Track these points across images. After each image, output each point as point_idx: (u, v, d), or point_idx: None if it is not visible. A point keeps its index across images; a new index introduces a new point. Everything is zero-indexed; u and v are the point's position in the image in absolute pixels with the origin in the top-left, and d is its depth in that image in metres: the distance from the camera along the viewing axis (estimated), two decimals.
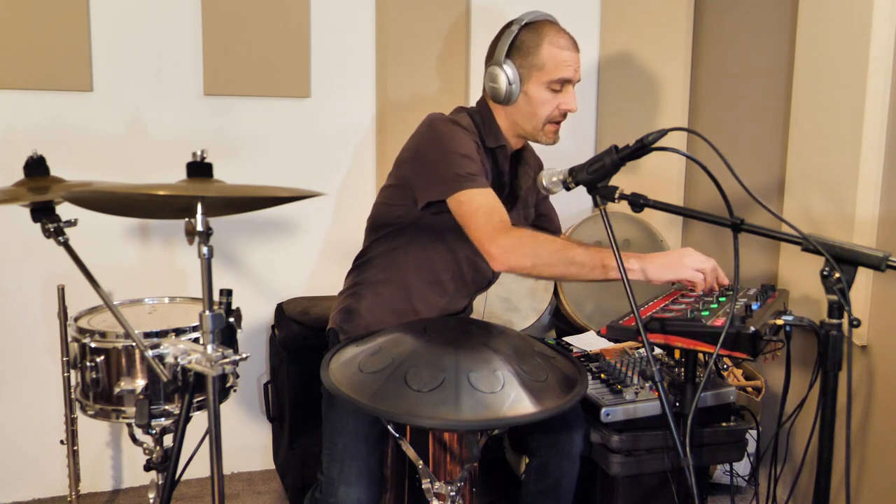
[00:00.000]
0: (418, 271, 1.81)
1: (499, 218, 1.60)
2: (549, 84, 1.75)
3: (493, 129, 1.82)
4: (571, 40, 1.79)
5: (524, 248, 1.56)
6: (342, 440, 1.70)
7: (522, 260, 1.55)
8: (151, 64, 2.48)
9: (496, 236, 1.56)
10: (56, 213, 1.50)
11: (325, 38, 2.64)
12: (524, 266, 1.56)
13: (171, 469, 1.59)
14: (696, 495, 1.29)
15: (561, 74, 1.75)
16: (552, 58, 1.74)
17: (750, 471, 2.38)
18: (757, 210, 1.56)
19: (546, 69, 1.74)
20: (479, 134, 1.80)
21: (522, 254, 1.55)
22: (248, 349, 2.65)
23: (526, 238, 1.58)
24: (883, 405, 1.97)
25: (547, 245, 1.57)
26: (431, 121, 1.76)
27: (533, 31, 1.76)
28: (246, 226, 2.64)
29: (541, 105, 1.77)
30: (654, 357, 1.39)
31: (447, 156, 1.67)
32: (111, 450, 2.61)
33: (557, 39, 1.75)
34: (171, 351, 1.36)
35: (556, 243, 1.59)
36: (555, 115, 1.78)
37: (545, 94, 1.76)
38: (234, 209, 1.60)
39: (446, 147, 1.68)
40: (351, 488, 1.66)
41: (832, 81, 2.06)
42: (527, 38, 1.75)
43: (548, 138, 1.82)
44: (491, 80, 1.78)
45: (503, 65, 1.75)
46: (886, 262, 1.28)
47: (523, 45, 1.75)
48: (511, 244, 1.55)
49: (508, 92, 1.76)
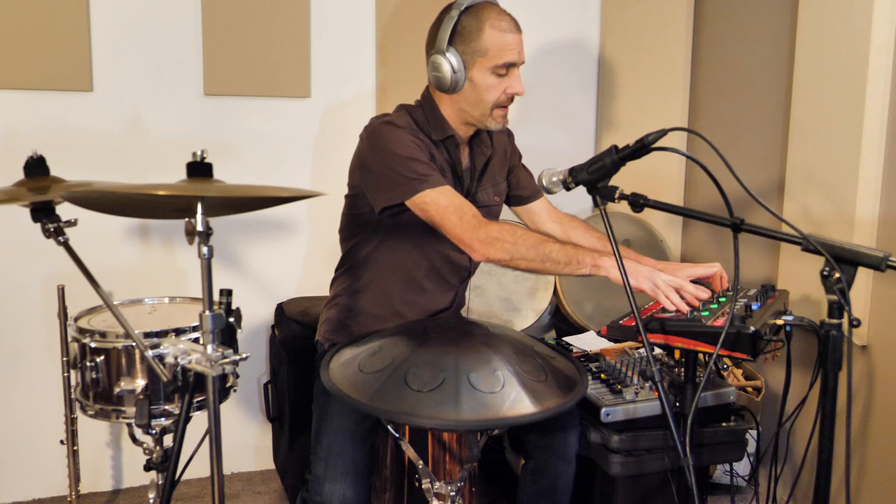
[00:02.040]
0: (392, 274, 1.83)
1: (470, 213, 1.64)
2: (494, 69, 1.73)
3: (439, 121, 1.80)
4: (513, 22, 1.76)
5: (503, 241, 1.60)
6: (327, 438, 1.71)
7: (501, 253, 1.60)
8: (151, 64, 2.48)
9: (474, 231, 1.61)
10: (56, 213, 1.50)
11: (325, 38, 2.64)
12: (502, 258, 1.61)
13: (171, 469, 1.59)
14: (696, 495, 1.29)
15: (505, 59, 1.73)
16: (495, 42, 1.71)
17: (750, 471, 2.38)
18: (757, 210, 1.56)
19: (490, 54, 1.72)
20: (423, 128, 1.79)
21: (501, 248, 1.60)
22: (248, 349, 2.65)
23: (505, 232, 1.61)
24: (883, 405, 1.97)
25: (525, 240, 1.60)
26: (370, 127, 1.77)
27: (474, 15, 1.72)
28: (246, 226, 2.64)
29: (487, 91, 1.74)
30: (654, 357, 1.39)
31: (391, 161, 1.68)
32: (111, 450, 2.61)
33: (499, 22, 1.72)
34: (171, 351, 1.36)
35: (533, 238, 1.61)
36: (502, 100, 1.77)
37: (491, 80, 1.74)
38: (234, 209, 1.60)
39: (388, 152, 1.69)
40: (336, 485, 1.66)
41: (832, 81, 2.05)
42: (468, 23, 1.72)
43: (496, 123, 1.80)
44: (434, 70, 1.75)
45: (446, 53, 1.72)
46: (886, 262, 1.28)
47: (465, 31, 1.72)
48: (489, 237, 1.60)
49: (453, 80, 1.74)
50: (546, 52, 2.91)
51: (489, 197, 1.91)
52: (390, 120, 1.77)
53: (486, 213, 1.85)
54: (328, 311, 1.94)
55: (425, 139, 1.77)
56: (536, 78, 2.92)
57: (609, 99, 2.97)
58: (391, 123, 1.75)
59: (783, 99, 2.32)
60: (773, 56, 2.38)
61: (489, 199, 1.91)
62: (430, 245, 1.81)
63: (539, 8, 2.88)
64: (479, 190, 1.90)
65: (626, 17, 2.88)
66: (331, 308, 1.93)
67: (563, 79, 2.97)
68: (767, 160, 2.40)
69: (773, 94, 2.38)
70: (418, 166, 1.67)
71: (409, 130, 1.75)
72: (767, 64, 2.41)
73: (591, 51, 2.98)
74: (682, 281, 1.61)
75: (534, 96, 2.92)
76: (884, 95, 1.90)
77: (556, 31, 2.91)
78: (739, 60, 2.55)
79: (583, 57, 2.97)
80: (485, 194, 1.90)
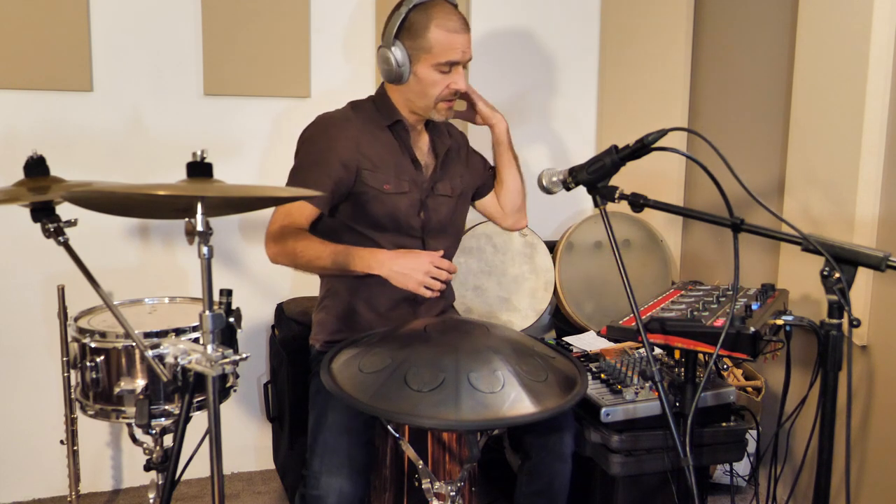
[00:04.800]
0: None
1: (288, 222, 1.80)
2: (437, 66, 1.79)
3: (387, 107, 1.90)
4: (461, 21, 1.81)
5: (285, 256, 1.80)
6: (322, 435, 1.72)
7: (285, 262, 1.82)
8: (151, 64, 2.48)
9: (270, 240, 1.81)
10: (56, 213, 1.50)
11: (325, 38, 2.64)
12: (287, 265, 1.83)
13: (171, 469, 1.59)
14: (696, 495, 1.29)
15: (449, 58, 1.79)
16: (440, 41, 1.77)
17: (750, 471, 2.38)
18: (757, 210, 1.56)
19: (434, 52, 1.78)
20: (370, 116, 1.89)
21: (285, 261, 1.81)
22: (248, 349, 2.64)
23: (288, 247, 1.78)
24: (883, 405, 1.97)
25: (303, 256, 1.77)
26: (305, 129, 1.91)
27: (422, 12, 1.78)
28: (246, 226, 2.64)
29: (430, 86, 1.82)
30: (654, 357, 1.39)
31: (298, 161, 1.88)
32: (111, 450, 2.61)
33: (446, 22, 1.77)
34: (171, 351, 1.36)
35: (308, 255, 1.77)
36: (445, 95, 1.84)
37: (434, 76, 1.80)
38: (234, 209, 1.60)
39: (301, 153, 1.88)
40: (333, 479, 1.67)
41: (832, 81, 2.06)
42: (416, 19, 1.78)
43: (440, 115, 1.88)
44: (382, 62, 1.84)
45: (392, 46, 1.80)
46: (886, 262, 1.28)
47: (412, 27, 1.78)
48: (276, 252, 1.81)
49: (398, 73, 1.81)
50: (546, 52, 2.91)
51: (446, 188, 1.97)
52: (325, 115, 1.91)
53: (443, 202, 1.95)
54: (316, 314, 2.01)
55: (360, 127, 1.87)
56: (536, 78, 2.92)
57: (609, 99, 2.97)
58: (320, 123, 1.89)
59: (783, 99, 2.32)
60: (773, 56, 2.38)
61: (446, 190, 1.97)
62: (383, 237, 1.88)
63: (539, 8, 2.88)
64: (440, 180, 1.95)
65: (626, 17, 2.88)
66: (319, 311, 2.00)
67: (563, 79, 2.96)
68: (767, 160, 2.40)
69: (773, 94, 2.38)
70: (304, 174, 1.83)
71: (339, 123, 1.87)
72: (767, 64, 2.41)
73: (591, 51, 2.97)
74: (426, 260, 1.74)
75: (534, 96, 2.92)
76: (884, 95, 1.90)
77: (556, 31, 2.91)
78: (739, 60, 2.55)
79: (583, 57, 2.97)
80: (443, 185, 1.96)
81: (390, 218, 1.87)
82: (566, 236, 2.68)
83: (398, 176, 1.87)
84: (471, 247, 2.57)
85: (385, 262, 1.75)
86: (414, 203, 1.89)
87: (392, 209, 1.87)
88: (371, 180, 1.84)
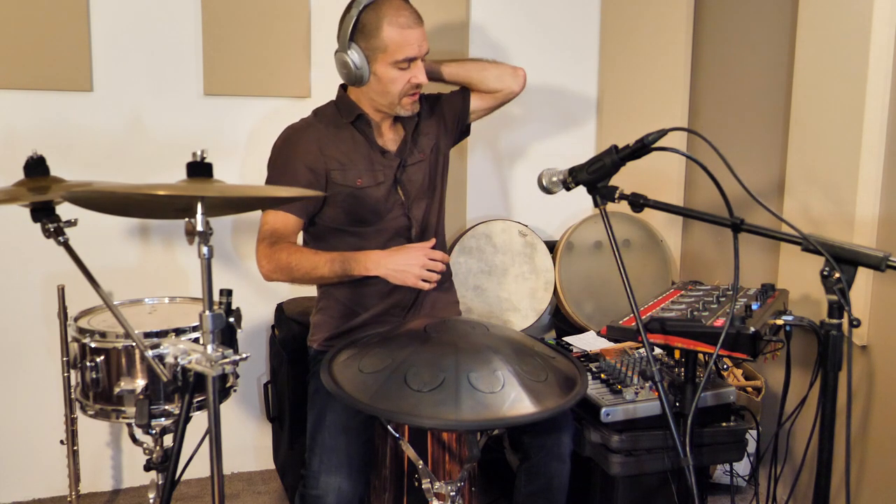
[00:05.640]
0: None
1: (275, 239, 1.81)
2: (395, 64, 1.79)
3: (347, 105, 1.91)
4: (413, 16, 1.80)
5: (280, 272, 1.80)
6: (321, 435, 1.73)
7: (281, 277, 1.82)
8: (151, 64, 2.48)
9: (262, 258, 1.81)
10: (56, 213, 1.50)
11: (325, 38, 2.64)
12: (284, 280, 1.84)
13: (171, 469, 1.59)
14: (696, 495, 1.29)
15: (406, 54, 1.79)
16: (394, 39, 1.77)
17: (750, 471, 2.38)
18: (757, 210, 1.56)
19: (390, 50, 1.78)
20: (331, 119, 1.91)
21: (280, 276, 1.81)
22: (248, 349, 2.64)
23: (282, 263, 1.78)
24: (883, 405, 1.97)
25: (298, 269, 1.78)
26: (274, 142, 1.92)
27: (373, 11, 1.78)
28: (246, 226, 2.64)
29: (391, 83, 1.82)
30: (654, 357, 1.39)
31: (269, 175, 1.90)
32: (111, 450, 2.61)
33: (397, 18, 1.77)
34: (171, 351, 1.36)
35: (304, 267, 1.78)
36: (407, 90, 1.84)
37: (394, 73, 1.81)
38: (234, 209, 1.60)
39: (270, 167, 1.90)
40: (332, 477, 1.68)
41: (832, 81, 2.05)
42: (367, 19, 1.78)
43: (406, 110, 1.89)
44: (340, 67, 1.84)
45: (348, 50, 1.80)
46: (886, 262, 1.28)
47: (365, 28, 1.79)
48: (270, 269, 1.80)
49: (357, 75, 1.82)
50: (546, 52, 2.91)
51: (418, 155, 1.98)
52: (290, 127, 1.93)
53: (416, 170, 1.96)
54: (313, 316, 2.02)
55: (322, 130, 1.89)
56: (536, 78, 2.91)
57: (609, 99, 2.97)
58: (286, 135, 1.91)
59: (783, 99, 2.32)
60: (773, 56, 2.38)
61: (419, 156, 1.98)
62: (374, 239, 1.90)
63: (539, 8, 2.88)
64: (408, 153, 1.96)
65: (626, 17, 2.88)
66: (316, 313, 2.01)
67: (563, 79, 2.96)
68: (767, 160, 2.40)
69: (773, 94, 2.38)
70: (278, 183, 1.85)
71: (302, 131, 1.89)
72: (767, 64, 2.41)
73: (591, 51, 2.97)
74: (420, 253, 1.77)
75: (534, 96, 2.92)
76: (884, 95, 1.90)
77: (556, 32, 2.91)
78: (739, 60, 2.55)
79: (583, 57, 2.97)
80: (415, 154, 1.97)
81: (371, 210, 1.89)
82: (566, 236, 2.68)
83: (369, 169, 1.89)
84: (471, 247, 2.57)
85: (381, 261, 1.76)
86: (389, 187, 1.91)
87: (371, 202, 1.88)
88: (341, 179, 1.86)
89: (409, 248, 1.81)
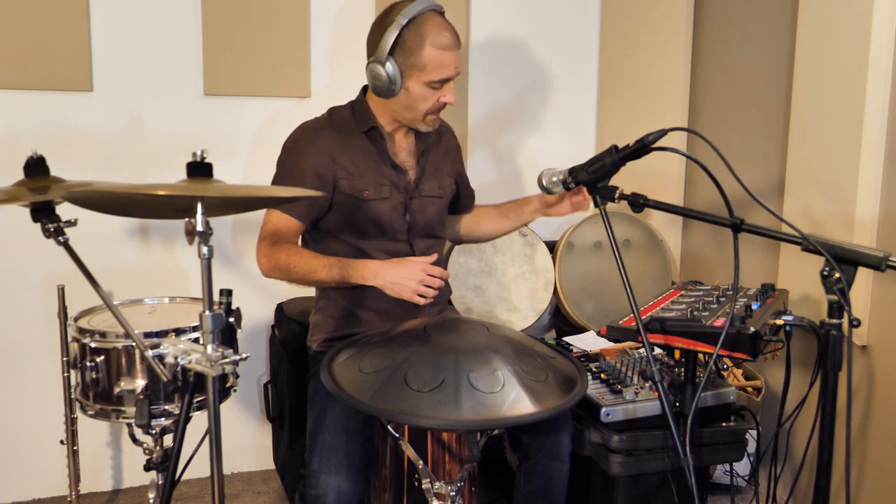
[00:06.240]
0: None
1: (276, 238, 1.81)
2: (429, 83, 1.79)
3: (364, 114, 1.90)
4: (453, 38, 1.80)
5: (278, 272, 1.80)
6: (320, 435, 1.73)
7: (278, 276, 1.82)
8: (151, 64, 2.48)
9: (262, 256, 1.81)
10: (56, 213, 1.50)
11: (325, 38, 2.64)
12: (282, 280, 1.84)
13: (171, 469, 1.59)
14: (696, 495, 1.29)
15: (441, 76, 1.79)
16: (433, 60, 1.77)
17: (750, 471, 2.38)
18: (757, 210, 1.56)
19: (427, 70, 1.78)
20: (345, 124, 1.90)
21: (278, 276, 1.82)
22: (248, 349, 2.64)
23: (281, 263, 1.79)
24: (883, 405, 1.97)
25: (296, 271, 1.79)
26: (286, 139, 1.91)
27: (416, 28, 1.76)
28: (246, 226, 2.64)
29: (420, 101, 1.82)
30: (654, 357, 1.39)
31: (277, 173, 1.90)
32: (111, 450, 2.61)
33: (439, 39, 1.77)
34: (171, 351, 1.36)
35: (302, 270, 1.78)
36: (435, 108, 1.84)
37: (425, 91, 1.80)
38: (234, 209, 1.60)
39: (279, 165, 1.90)
40: (331, 477, 1.67)
41: (832, 81, 2.05)
42: (409, 37, 1.77)
43: (427, 126, 1.88)
44: (373, 77, 1.82)
45: (385, 63, 1.78)
46: (886, 262, 1.28)
47: (405, 45, 1.77)
48: (268, 268, 1.81)
49: (389, 89, 1.81)
50: (546, 53, 2.91)
51: (433, 188, 1.97)
52: (302, 126, 1.92)
53: (429, 203, 1.95)
54: (312, 316, 2.02)
55: (334, 136, 1.88)
56: (536, 78, 2.92)
57: (609, 99, 2.97)
58: (299, 133, 1.90)
59: (783, 99, 2.32)
60: (773, 56, 2.38)
61: (433, 191, 1.97)
62: (370, 245, 1.89)
63: (539, 8, 2.88)
64: (425, 180, 1.96)
65: (626, 17, 2.88)
66: (315, 313, 2.01)
67: (563, 79, 2.96)
68: (767, 160, 2.40)
69: (773, 94, 2.38)
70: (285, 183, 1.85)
71: (315, 133, 1.88)
72: (767, 64, 2.41)
73: (591, 51, 2.97)
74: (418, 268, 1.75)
75: (534, 96, 2.92)
76: (884, 95, 1.90)
77: (556, 31, 2.91)
78: (739, 60, 2.55)
79: (583, 57, 2.97)
80: (429, 185, 1.97)
81: (374, 224, 1.88)
82: (566, 236, 2.68)
83: (377, 181, 1.87)
84: (471, 247, 2.56)
85: (378, 272, 1.76)
86: (397, 206, 1.90)
87: (375, 215, 1.87)
88: (348, 188, 1.85)
89: (408, 262, 1.79)
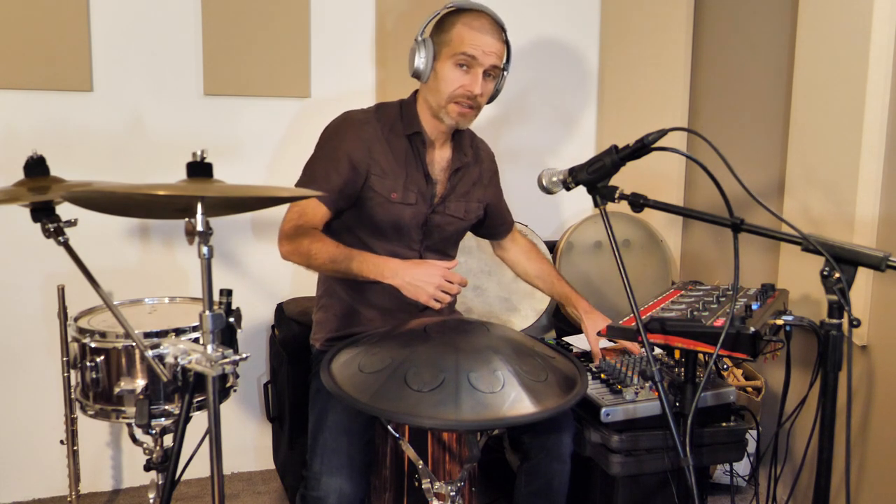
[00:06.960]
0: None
1: (302, 222, 1.79)
2: (454, 59, 1.78)
3: (410, 116, 1.89)
4: (491, 25, 1.80)
5: (299, 256, 1.79)
6: (322, 435, 1.73)
7: (297, 261, 1.81)
8: (151, 64, 2.48)
9: (284, 238, 1.80)
10: (56, 213, 1.50)
11: (325, 38, 2.64)
12: (300, 264, 1.82)
13: (171, 469, 1.59)
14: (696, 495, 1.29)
15: (465, 49, 1.77)
16: (460, 35, 1.78)
17: (750, 471, 2.38)
18: (757, 210, 1.56)
19: (452, 44, 1.79)
20: (391, 122, 1.88)
21: (298, 260, 1.80)
22: (248, 349, 2.65)
23: (303, 247, 1.77)
24: (883, 405, 1.97)
25: (317, 258, 1.77)
26: (328, 124, 1.90)
27: (456, 12, 1.81)
28: (246, 226, 2.64)
29: (445, 81, 1.81)
30: (654, 357, 1.39)
31: (313, 155, 1.88)
32: (111, 450, 2.61)
33: (472, 21, 1.79)
34: (171, 351, 1.36)
35: (323, 257, 1.77)
36: (457, 94, 1.81)
37: (452, 72, 1.80)
38: (234, 209, 1.60)
39: (317, 147, 1.89)
40: (333, 479, 1.67)
41: (832, 81, 2.06)
42: (448, 18, 1.81)
43: (449, 118, 1.85)
44: (410, 57, 1.84)
45: (422, 42, 1.81)
46: (886, 262, 1.28)
47: (442, 25, 1.82)
48: (289, 250, 1.80)
49: (422, 69, 1.82)
50: (546, 53, 2.91)
51: (459, 209, 1.96)
52: (347, 113, 1.91)
53: (450, 222, 1.94)
54: (315, 313, 2.02)
55: (377, 131, 1.86)
56: (537, 78, 2.92)
57: (609, 99, 2.97)
58: (342, 120, 1.89)
59: (783, 99, 2.32)
60: (773, 56, 2.38)
61: (458, 211, 1.96)
62: (380, 244, 1.88)
63: (539, 8, 2.88)
64: (453, 198, 1.94)
65: (626, 17, 2.88)
66: (318, 311, 2.00)
67: (563, 79, 2.97)
68: (767, 160, 2.40)
69: (773, 94, 2.38)
70: (319, 169, 1.84)
71: (360, 124, 1.86)
72: (767, 64, 2.41)
73: (591, 51, 2.98)
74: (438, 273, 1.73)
75: (534, 96, 2.93)
76: (884, 95, 1.90)
77: (557, 32, 2.91)
78: (739, 60, 2.55)
79: (583, 57, 2.97)
80: (456, 205, 1.95)
81: (393, 227, 1.87)
82: (566, 236, 2.68)
83: (406, 186, 1.86)
84: (471, 247, 2.56)
85: (398, 271, 1.74)
86: (418, 216, 1.89)
87: (396, 217, 1.86)
88: (378, 186, 1.84)
89: (429, 265, 1.76)
